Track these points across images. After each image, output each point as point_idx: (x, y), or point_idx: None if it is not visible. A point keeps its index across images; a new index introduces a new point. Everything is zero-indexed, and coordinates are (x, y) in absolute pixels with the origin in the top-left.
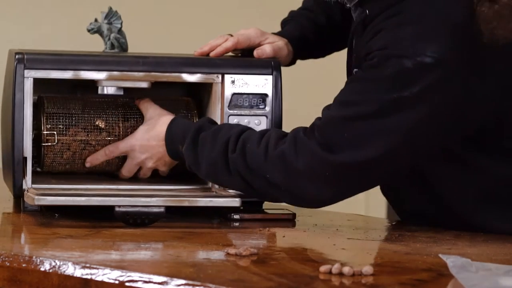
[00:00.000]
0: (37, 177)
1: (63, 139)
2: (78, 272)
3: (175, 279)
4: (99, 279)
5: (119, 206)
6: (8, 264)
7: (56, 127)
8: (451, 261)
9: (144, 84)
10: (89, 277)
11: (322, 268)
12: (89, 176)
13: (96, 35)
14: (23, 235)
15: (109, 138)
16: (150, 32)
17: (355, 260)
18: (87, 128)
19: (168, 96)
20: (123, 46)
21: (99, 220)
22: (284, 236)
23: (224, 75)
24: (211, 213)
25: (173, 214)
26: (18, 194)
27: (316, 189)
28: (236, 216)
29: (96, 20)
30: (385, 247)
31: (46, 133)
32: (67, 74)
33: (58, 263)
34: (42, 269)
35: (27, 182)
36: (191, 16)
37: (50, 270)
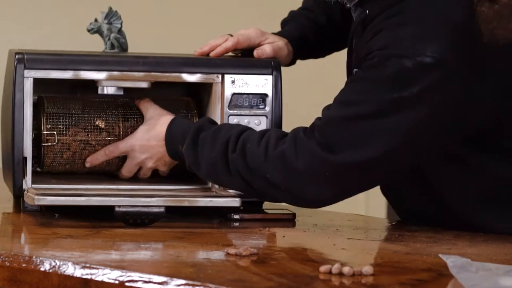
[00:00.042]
0: (37, 177)
1: (63, 139)
2: (78, 272)
3: (175, 279)
4: (99, 279)
5: (119, 206)
6: (8, 264)
7: (56, 127)
8: (451, 261)
9: (144, 84)
10: (89, 277)
11: (322, 268)
12: (89, 176)
13: (96, 35)
14: (23, 235)
15: (109, 138)
16: (150, 32)
17: (355, 260)
18: (87, 128)
19: (168, 96)
20: (123, 46)
21: (99, 220)
22: (284, 236)
23: (224, 75)
24: (211, 213)
25: (173, 214)
26: (18, 194)
27: (316, 189)
28: (236, 216)
29: (96, 20)
30: (385, 247)
31: (46, 133)
32: (67, 74)
33: (58, 263)
34: (42, 269)
35: (27, 182)
36: (191, 16)
37: (50, 270)
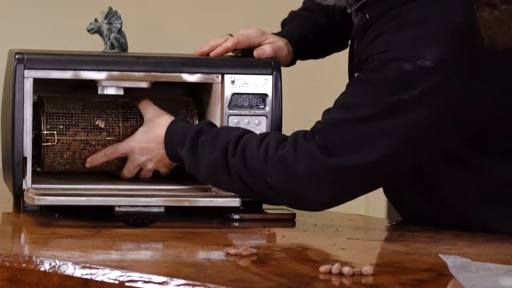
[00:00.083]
0: (37, 177)
1: (63, 139)
2: (78, 272)
3: (175, 279)
4: (99, 279)
5: (119, 206)
6: (8, 264)
7: (56, 127)
8: (451, 261)
9: (144, 84)
10: (89, 277)
11: (322, 268)
12: (89, 176)
13: (96, 35)
14: (23, 235)
15: (109, 138)
16: (150, 32)
17: (355, 260)
18: (87, 128)
19: (168, 96)
20: (123, 46)
21: (99, 220)
22: (284, 236)
23: (224, 75)
24: (211, 213)
25: (173, 214)
26: (18, 194)
27: (316, 193)
28: (236, 216)
29: (96, 20)
30: (385, 247)
31: (46, 133)
32: (67, 74)
33: (58, 263)
34: (42, 269)
35: (27, 182)
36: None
37: (50, 270)
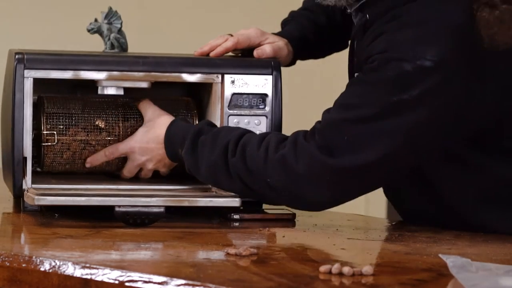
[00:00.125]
0: (37, 177)
1: (63, 139)
2: (78, 272)
3: (175, 279)
4: (99, 279)
5: (119, 206)
6: (8, 264)
7: (56, 127)
8: (451, 261)
9: (144, 84)
10: (89, 277)
11: (322, 268)
12: (89, 176)
13: (96, 35)
14: (23, 235)
15: (109, 138)
16: (150, 32)
17: (355, 260)
18: (87, 128)
19: (168, 96)
20: (123, 46)
21: (99, 220)
22: (284, 236)
23: (224, 75)
24: (211, 213)
25: (173, 214)
26: (18, 194)
27: (316, 193)
28: (236, 216)
29: (96, 20)
30: (385, 247)
31: (46, 133)
32: (67, 74)
33: (58, 263)
34: (42, 269)
35: (27, 182)
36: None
37: (50, 270)
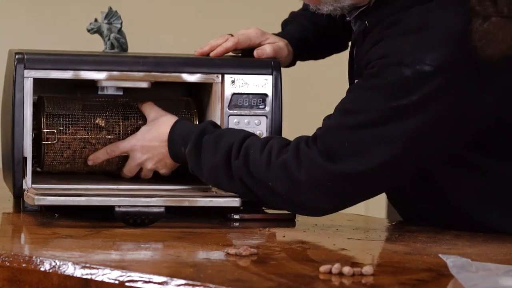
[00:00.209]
0: (37, 177)
1: (63, 138)
2: (78, 272)
3: (175, 279)
4: (99, 279)
5: (119, 206)
6: (8, 264)
7: (56, 127)
8: (451, 261)
9: (144, 84)
10: (89, 277)
11: (322, 268)
12: (89, 176)
13: (96, 35)
14: (23, 235)
15: (109, 137)
16: (150, 32)
17: (355, 260)
18: (87, 127)
19: (168, 96)
20: (123, 46)
21: (99, 220)
22: (284, 236)
23: (224, 75)
24: (211, 213)
25: (173, 214)
26: (18, 194)
27: (318, 198)
28: (236, 216)
29: (96, 20)
30: (385, 247)
31: (46, 132)
32: (67, 74)
33: (58, 263)
34: (42, 269)
35: (27, 182)
36: (191, 16)
37: (50, 270)
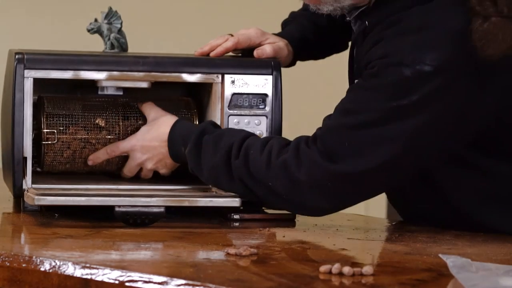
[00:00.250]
0: (37, 177)
1: (63, 138)
2: (78, 272)
3: (175, 279)
4: (99, 279)
5: (119, 206)
6: (8, 264)
7: (56, 127)
8: (451, 261)
9: (144, 84)
10: (89, 277)
11: (322, 268)
12: (89, 176)
13: (96, 35)
14: (23, 235)
15: (109, 137)
16: (150, 32)
17: (355, 260)
18: (87, 127)
19: (168, 96)
20: (123, 46)
21: (99, 220)
22: (284, 236)
23: (224, 75)
24: (211, 213)
25: (173, 214)
26: (18, 194)
27: (318, 199)
28: (236, 216)
29: (96, 20)
30: (385, 247)
31: (46, 131)
32: (67, 74)
33: (58, 263)
34: (42, 269)
35: (27, 182)
36: (191, 16)
37: (50, 270)
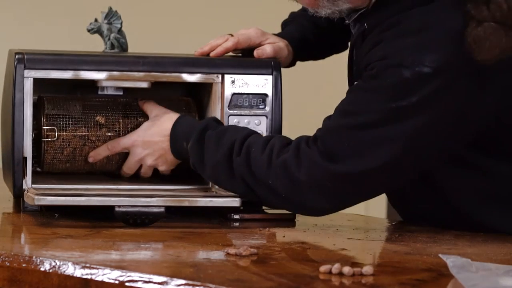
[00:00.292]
0: (37, 177)
1: (63, 135)
2: (78, 272)
3: (175, 279)
4: (99, 279)
5: (119, 206)
6: (8, 264)
7: (56, 127)
8: (451, 261)
9: (144, 84)
10: (89, 277)
11: (322, 268)
12: (89, 176)
13: (96, 35)
14: (23, 235)
15: (110, 134)
16: (150, 32)
17: (355, 260)
18: (87, 125)
19: (168, 96)
20: (123, 46)
21: (99, 220)
22: (284, 236)
23: (224, 75)
24: (211, 213)
25: (173, 214)
26: (18, 194)
27: (317, 199)
28: (236, 216)
29: (96, 20)
30: (385, 247)
31: (46, 129)
32: (67, 74)
33: (58, 263)
34: (42, 269)
35: (27, 182)
36: (191, 16)
37: (50, 270)
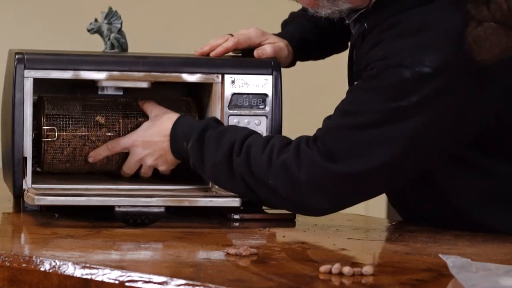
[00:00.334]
0: (37, 177)
1: (63, 135)
2: (78, 272)
3: (175, 279)
4: (99, 279)
5: (119, 206)
6: (8, 264)
7: (56, 127)
8: (451, 261)
9: (144, 84)
10: (89, 277)
11: (322, 268)
12: (89, 176)
13: (96, 35)
14: (23, 235)
15: (110, 134)
16: (150, 32)
17: (355, 260)
18: (87, 125)
19: (168, 96)
20: (123, 46)
21: (99, 220)
22: (284, 236)
23: (224, 75)
24: (211, 213)
25: (173, 214)
26: (18, 194)
27: (317, 199)
28: (236, 216)
29: (96, 20)
30: (385, 247)
31: (46, 128)
32: (67, 74)
33: (58, 263)
34: (42, 269)
35: (27, 182)
36: (191, 16)
37: (50, 270)
